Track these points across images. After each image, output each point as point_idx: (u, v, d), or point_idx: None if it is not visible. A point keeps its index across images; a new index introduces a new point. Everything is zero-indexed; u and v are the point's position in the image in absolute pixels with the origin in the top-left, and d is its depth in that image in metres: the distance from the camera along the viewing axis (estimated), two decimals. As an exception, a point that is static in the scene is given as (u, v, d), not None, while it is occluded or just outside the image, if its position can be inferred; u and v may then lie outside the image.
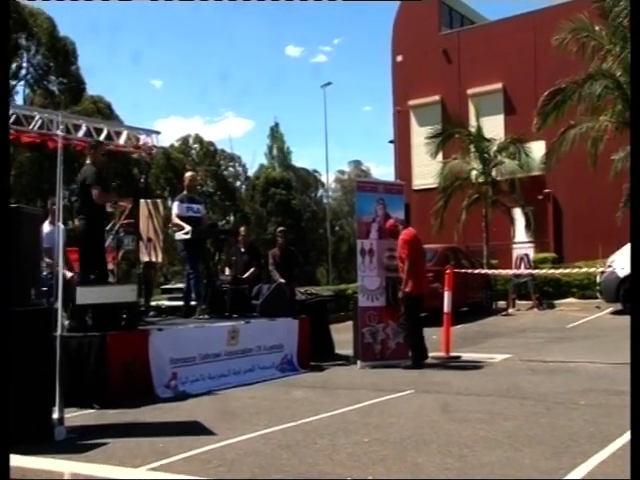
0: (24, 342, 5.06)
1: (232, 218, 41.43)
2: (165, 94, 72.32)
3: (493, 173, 20.64)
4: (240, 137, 68.98)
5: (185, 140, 44.70)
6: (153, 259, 10.50)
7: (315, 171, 52.19)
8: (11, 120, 9.46)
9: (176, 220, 9.46)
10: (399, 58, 27.98)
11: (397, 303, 9.14)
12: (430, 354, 8.97)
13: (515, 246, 21.99)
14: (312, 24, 77.94)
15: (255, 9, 74.51)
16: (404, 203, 9.90)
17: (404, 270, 8.84)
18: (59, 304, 5.69)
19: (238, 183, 47.19)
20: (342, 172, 56.49)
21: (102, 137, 10.74)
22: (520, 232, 21.42)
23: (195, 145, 45.12)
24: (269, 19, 76.02)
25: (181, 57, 74.92)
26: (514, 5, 45.97)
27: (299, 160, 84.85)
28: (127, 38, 66.34)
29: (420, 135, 24.42)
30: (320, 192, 52.68)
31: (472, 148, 20.77)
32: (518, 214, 20.94)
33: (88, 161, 8.11)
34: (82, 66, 31.16)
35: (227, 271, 10.48)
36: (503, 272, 16.06)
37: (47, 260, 7.46)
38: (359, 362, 9.04)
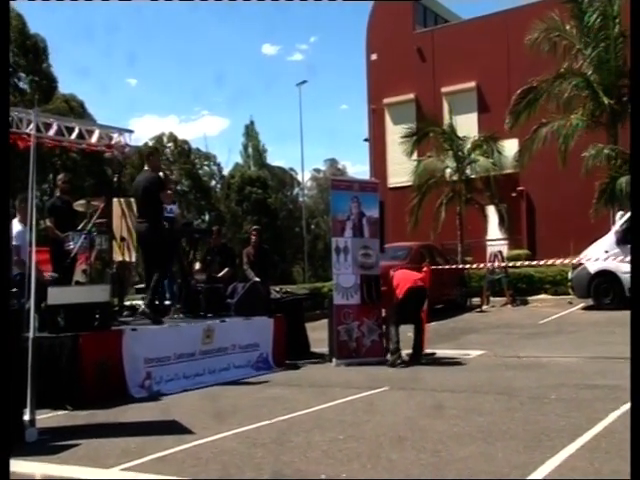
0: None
1: (207, 217, 41.24)
2: (140, 93, 71.80)
3: (467, 171, 20.81)
4: (216, 135, 68.82)
5: (159, 139, 44.38)
6: (127, 259, 10.39)
7: (291, 169, 52.25)
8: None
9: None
10: (373, 56, 28.06)
11: (372, 301, 9.24)
12: (405, 351, 9.02)
13: (489, 243, 22.22)
14: (289, 22, 77.96)
15: (231, 7, 74.23)
16: (379, 201, 9.94)
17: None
18: (31, 305, 5.61)
19: (213, 182, 46.99)
20: (318, 170, 56.67)
21: (73, 136, 10.60)
22: (494, 229, 21.64)
23: (169, 144, 44.83)
24: (245, 18, 75.83)
25: (157, 56, 74.38)
26: (488, 4, 46.62)
27: (275, 159, 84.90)
28: (102, 36, 65.74)
29: (395, 133, 24.55)
30: (296, 190, 52.74)
31: (446, 146, 20.92)
32: (492, 211, 21.15)
33: (146, 167, 8.64)
34: (54, 63, 30.81)
35: (197, 265, 10.37)
36: (480, 265, 16.19)
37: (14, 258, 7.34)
38: (334, 360, 9.06)
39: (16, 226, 7.97)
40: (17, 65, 29.99)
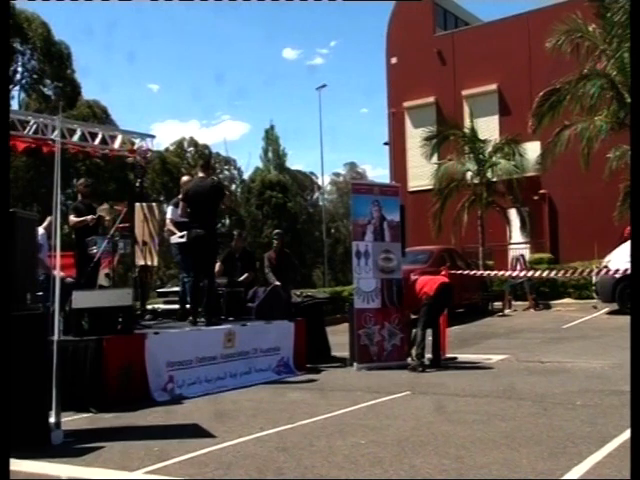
0: (20, 346, 5.05)
1: (227, 221, 41.39)
2: (162, 98, 72.39)
3: (488, 174, 20.67)
4: (237, 140, 69.13)
5: (180, 144, 44.68)
6: (149, 263, 10.47)
7: (312, 173, 52.28)
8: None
9: (169, 225, 9.49)
10: (394, 60, 28.03)
11: (393, 305, 9.23)
12: (426, 355, 8.98)
13: (511, 247, 22.05)
14: (309, 26, 78.14)
15: (252, 11, 74.62)
16: (400, 205, 9.91)
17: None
18: (56, 308, 5.67)
19: (233, 186, 47.18)
20: (338, 174, 56.60)
21: (97, 141, 10.71)
22: (516, 233, 21.47)
23: (190, 148, 45.11)
24: (266, 21, 76.19)
25: (178, 60, 75.01)
26: (508, 6, 46.24)
27: (295, 163, 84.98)
28: (124, 41, 66.39)
29: (415, 137, 24.48)
30: (316, 194, 52.74)
31: (467, 149, 20.80)
32: (513, 215, 20.98)
33: (201, 174, 8.67)
34: (78, 69, 31.23)
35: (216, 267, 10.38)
36: (499, 274, 16.07)
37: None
38: (355, 364, 9.03)
39: (40, 231, 8.09)
40: (42, 72, 30.42)
